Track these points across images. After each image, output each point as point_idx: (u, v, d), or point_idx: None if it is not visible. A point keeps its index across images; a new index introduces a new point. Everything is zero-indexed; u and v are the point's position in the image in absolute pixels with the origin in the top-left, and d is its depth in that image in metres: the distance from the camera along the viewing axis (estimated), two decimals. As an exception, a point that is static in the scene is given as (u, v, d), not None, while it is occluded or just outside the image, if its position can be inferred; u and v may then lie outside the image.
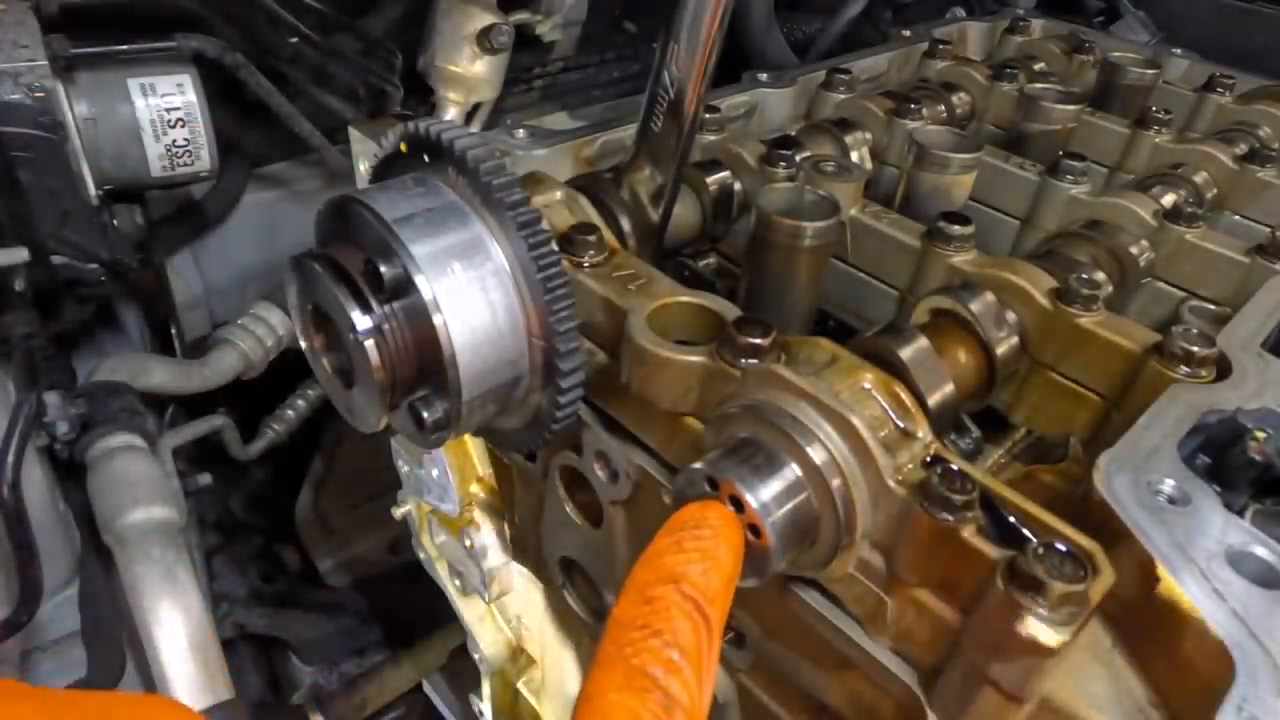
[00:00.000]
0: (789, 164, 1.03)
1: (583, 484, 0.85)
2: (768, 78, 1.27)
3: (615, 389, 0.74)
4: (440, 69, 1.43)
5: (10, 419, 1.03)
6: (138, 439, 1.18)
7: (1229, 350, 0.74)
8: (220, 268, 1.55)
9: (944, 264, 0.90)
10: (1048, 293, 0.82)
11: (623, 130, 1.07)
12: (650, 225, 0.93)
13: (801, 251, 0.85)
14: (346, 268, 0.61)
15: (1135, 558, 0.55)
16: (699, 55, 0.80)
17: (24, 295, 1.08)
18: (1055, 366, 0.83)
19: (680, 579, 0.48)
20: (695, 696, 0.44)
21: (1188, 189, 1.14)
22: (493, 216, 0.63)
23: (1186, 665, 0.53)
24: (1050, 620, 0.49)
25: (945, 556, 0.56)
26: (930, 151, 1.01)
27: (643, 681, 0.43)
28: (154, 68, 1.14)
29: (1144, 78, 1.35)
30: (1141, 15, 2.00)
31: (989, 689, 0.54)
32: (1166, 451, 0.63)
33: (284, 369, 1.52)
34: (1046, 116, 1.18)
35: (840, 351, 0.65)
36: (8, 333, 1.10)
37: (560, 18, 1.60)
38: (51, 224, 1.07)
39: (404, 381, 0.63)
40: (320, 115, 1.37)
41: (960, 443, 0.87)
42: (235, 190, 1.47)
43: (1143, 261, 0.97)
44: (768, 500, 0.58)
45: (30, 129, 1.01)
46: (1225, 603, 0.52)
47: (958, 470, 0.56)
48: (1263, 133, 1.29)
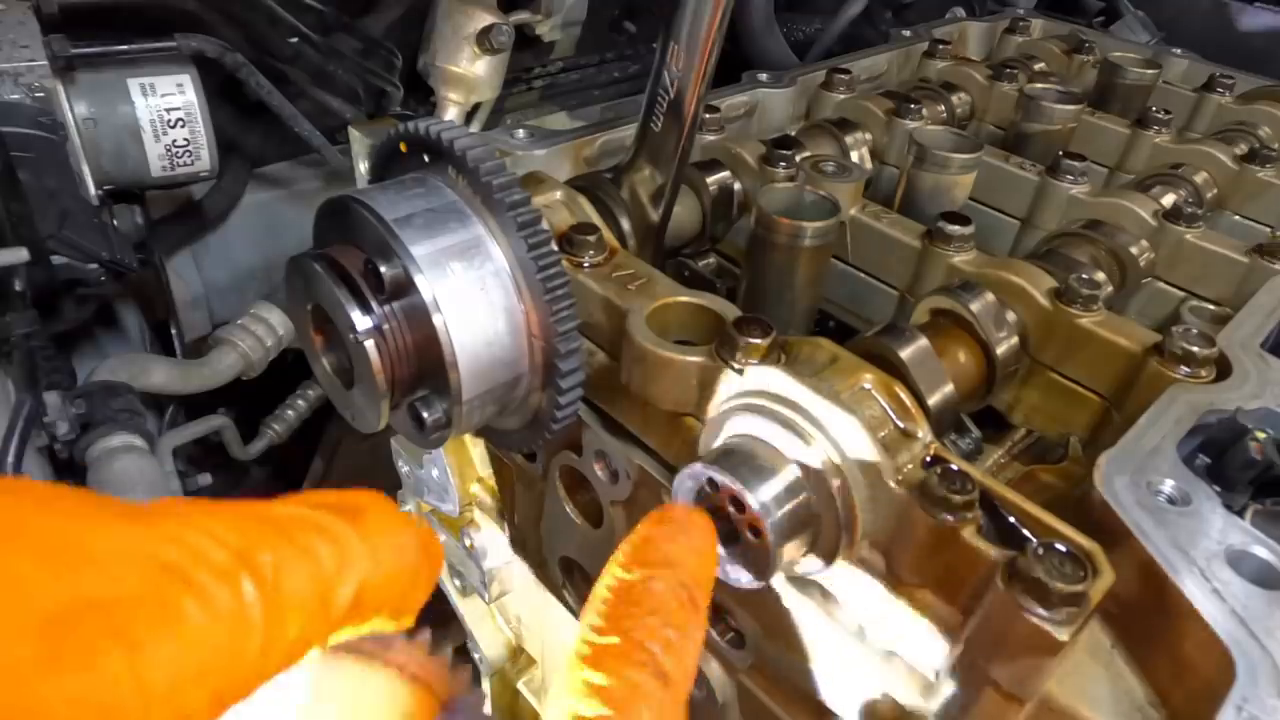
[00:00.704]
0: (789, 164, 1.03)
1: (583, 484, 0.85)
2: (768, 78, 1.27)
3: (615, 389, 0.74)
4: (440, 69, 1.44)
5: (10, 419, 1.03)
6: (138, 439, 1.18)
7: (1229, 350, 0.74)
8: (220, 268, 1.55)
9: (944, 264, 0.90)
10: (1048, 293, 0.82)
11: (623, 130, 1.07)
12: (650, 225, 0.93)
13: (801, 251, 0.85)
14: (346, 268, 0.61)
15: (1135, 558, 0.55)
16: (699, 55, 0.80)
17: (24, 295, 1.08)
18: (1055, 366, 0.83)
19: (676, 565, 0.48)
20: (684, 680, 0.44)
21: (1188, 189, 1.14)
22: (493, 216, 0.63)
23: (1186, 665, 0.53)
24: (1050, 620, 0.49)
25: (945, 556, 0.56)
26: (930, 151, 1.01)
27: (641, 655, 0.43)
28: (154, 68, 1.14)
29: (1144, 78, 1.35)
30: (1141, 15, 2.00)
31: (989, 689, 0.54)
32: (1166, 451, 0.63)
33: (284, 369, 1.52)
34: (1047, 116, 1.18)
35: (840, 351, 0.65)
36: (8, 333, 1.10)
37: (560, 18, 1.60)
38: (51, 224, 1.07)
39: (404, 382, 0.63)
40: (320, 115, 1.37)
41: (960, 443, 0.87)
42: (235, 190, 1.47)
43: (1143, 261, 0.97)
44: (768, 500, 0.58)
45: (30, 129, 1.01)
46: (1225, 603, 0.52)
47: (958, 470, 0.56)
48: (1263, 133, 1.29)
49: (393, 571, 0.38)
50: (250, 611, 0.30)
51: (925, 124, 1.19)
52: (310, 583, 0.33)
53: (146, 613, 0.27)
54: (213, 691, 0.29)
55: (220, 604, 0.29)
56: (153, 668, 0.27)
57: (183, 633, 0.28)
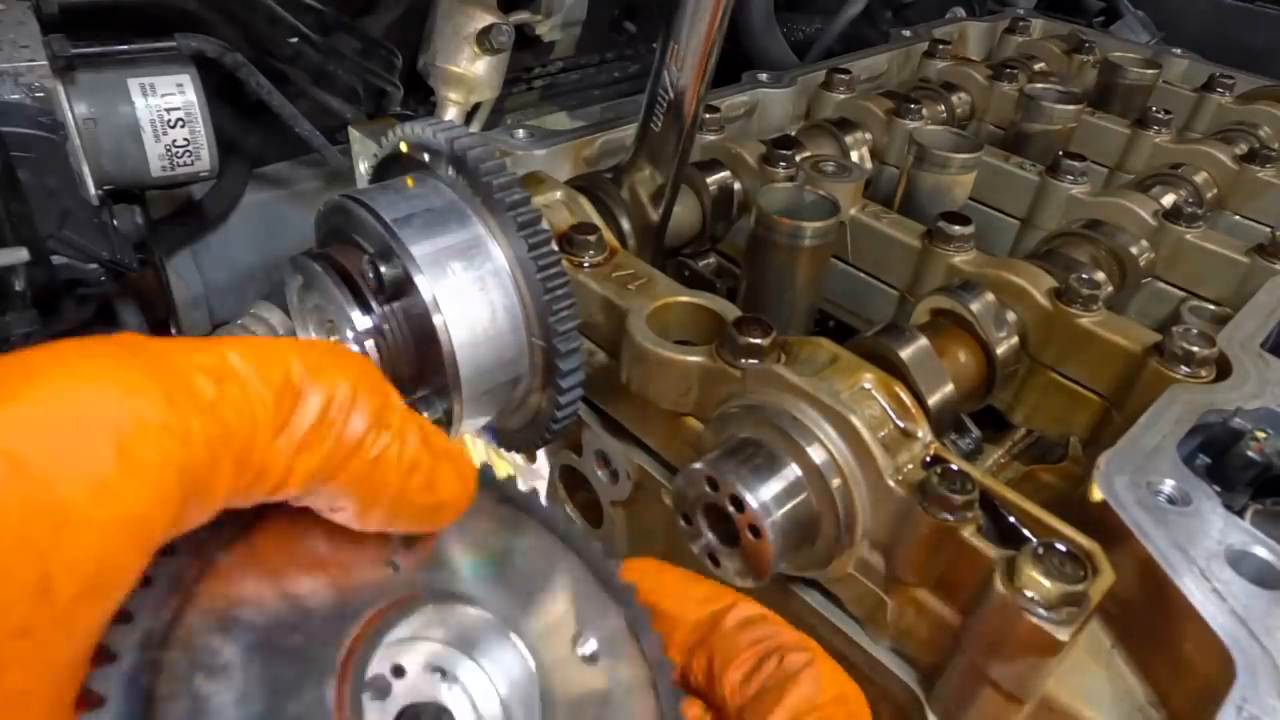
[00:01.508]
0: (789, 164, 1.03)
1: (583, 484, 0.85)
2: (768, 78, 1.27)
3: (615, 389, 0.74)
4: (440, 69, 1.44)
5: (10, 419, 1.03)
6: (138, 439, 1.18)
7: (1229, 350, 0.74)
8: (220, 268, 1.54)
9: (944, 264, 0.90)
10: (1048, 293, 0.82)
11: (623, 130, 1.07)
12: (650, 225, 0.93)
13: (801, 251, 0.85)
14: (346, 268, 0.61)
15: (1135, 558, 0.55)
16: (699, 55, 0.80)
17: (24, 295, 1.08)
18: (1055, 366, 0.83)
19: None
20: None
21: (1188, 189, 1.14)
22: (493, 216, 0.63)
23: (1186, 665, 0.53)
24: (1050, 620, 0.49)
25: (945, 556, 0.56)
26: (930, 151, 1.01)
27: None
28: (154, 68, 1.14)
29: (1144, 78, 1.35)
30: (1141, 15, 2.00)
31: (989, 689, 0.54)
32: (1166, 451, 0.63)
33: (284, 369, 1.52)
34: (1046, 116, 1.18)
35: (840, 351, 0.65)
36: (8, 333, 1.10)
37: (560, 18, 1.60)
38: (51, 224, 1.07)
39: (404, 381, 0.63)
40: (320, 115, 1.37)
41: (960, 443, 0.87)
42: (235, 190, 1.46)
43: (1143, 261, 0.97)
44: (768, 500, 0.58)
45: (30, 129, 1.01)
46: (1225, 603, 0.52)
47: (958, 470, 0.56)
48: (1263, 133, 1.29)
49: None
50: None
51: (925, 124, 1.19)
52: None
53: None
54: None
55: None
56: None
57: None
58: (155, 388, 0.29)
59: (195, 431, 0.29)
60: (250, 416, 0.31)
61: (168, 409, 0.29)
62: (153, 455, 0.28)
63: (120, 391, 0.28)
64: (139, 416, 0.28)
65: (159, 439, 0.28)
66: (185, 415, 0.29)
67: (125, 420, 0.28)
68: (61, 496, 0.26)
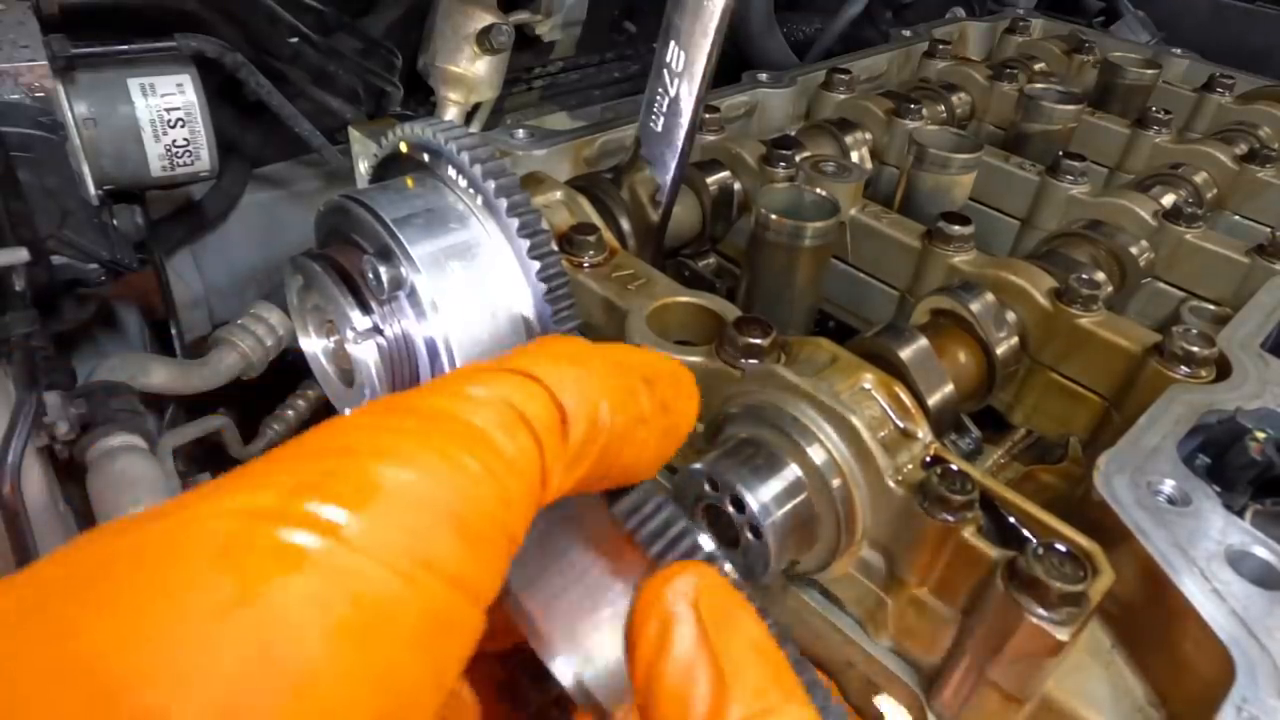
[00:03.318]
0: (789, 164, 1.03)
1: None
2: (768, 78, 1.27)
3: (615, 389, 0.74)
4: (440, 69, 1.44)
5: (10, 419, 1.03)
6: (138, 439, 1.18)
7: (1229, 350, 0.74)
8: (220, 268, 1.55)
9: (944, 264, 0.90)
10: (1047, 293, 0.82)
11: (623, 130, 1.07)
12: (650, 225, 0.93)
13: (801, 251, 0.85)
14: (346, 268, 0.61)
15: (1135, 558, 0.55)
16: (699, 55, 0.80)
17: (24, 295, 1.08)
18: (1055, 366, 0.83)
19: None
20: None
21: (1188, 189, 1.14)
22: (492, 217, 0.63)
23: (1186, 665, 0.53)
24: (1050, 620, 0.49)
25: (945, 556, 0.56)
26: (930, 151, 1.01)
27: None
28: (154, 68, 1.14)
29: (1144, 78, 1.35)
30: (1141, 15, 2.00)
31: (989, 689, 0.54)
32: (1166, 452, 0.63)
33: (284, 369, 1.52)
34: (1046, 116, 1.18)
35: (840, 351, 0.65)
36: (8, 333, 1.10)
37: (560, 18, 1.60)
38: (51, 224, 1.07)
39: (404, 381, 0.63)
40: (320, 115, 1.37)
41: (960, 443, 0.87)
42: (235, 190, 1.46)
43: (1143, 261, 0.97)
44: (768, 501, 0.58)
45: (30, 129, 1.01)
46: (1225, 603, 0.52)
47: (958, 470, 0.56)
48: (1263, 133, 1.29)
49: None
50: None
51: (925, 124, 1.19)
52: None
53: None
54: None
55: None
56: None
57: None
58: (471, 458, 0.29)
59: (512, 490, 0.29)
60: (540, 460, 0.31)
61: (490, 480, 0.29)
62: (490, 530, 0.28)
63: (449, 470, 0.28)
64: (471, 495, 0.28)
65: (494, 514, 0.29)
66: (503, 481, 0.29)
67: (460, 505, 0.28)
68: (450, 604, 0.27)
